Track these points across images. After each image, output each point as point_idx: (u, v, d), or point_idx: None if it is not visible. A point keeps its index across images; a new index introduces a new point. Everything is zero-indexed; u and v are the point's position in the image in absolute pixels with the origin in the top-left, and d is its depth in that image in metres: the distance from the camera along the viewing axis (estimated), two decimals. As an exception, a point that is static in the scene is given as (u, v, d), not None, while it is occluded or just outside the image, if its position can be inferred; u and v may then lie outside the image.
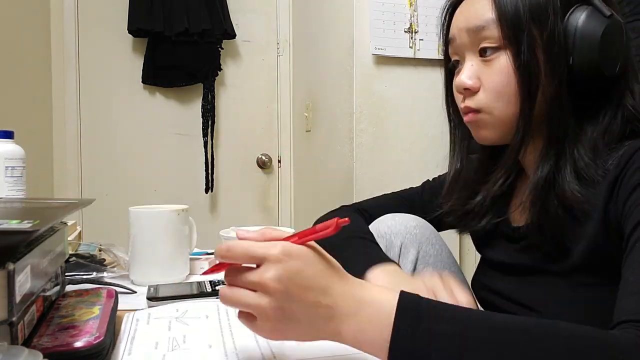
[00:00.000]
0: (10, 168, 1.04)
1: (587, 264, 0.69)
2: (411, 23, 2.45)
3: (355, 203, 1.05)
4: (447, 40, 0.81)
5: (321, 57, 2.41)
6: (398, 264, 0.81)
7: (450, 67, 0.82)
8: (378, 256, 0.80)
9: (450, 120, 0.86)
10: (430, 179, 1.04)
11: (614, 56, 0.70)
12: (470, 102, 0.75)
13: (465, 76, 0.75)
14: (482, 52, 0.74)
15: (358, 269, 0.75)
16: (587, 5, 0.71)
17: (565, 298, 0.71)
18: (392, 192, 1.04)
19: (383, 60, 2.45)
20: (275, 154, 2.29)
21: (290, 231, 1.12)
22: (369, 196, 1.06)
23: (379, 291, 0.53)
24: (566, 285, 0.71)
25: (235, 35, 2.15)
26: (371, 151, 2.47)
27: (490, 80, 0.73)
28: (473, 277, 0.93)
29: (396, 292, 0.52)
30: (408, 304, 0.51)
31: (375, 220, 0.94)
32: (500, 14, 0.71)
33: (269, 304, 0.50)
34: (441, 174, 1.02)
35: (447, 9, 0.81)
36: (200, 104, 2.15)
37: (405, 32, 2.45)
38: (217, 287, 0.84)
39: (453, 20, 0.79)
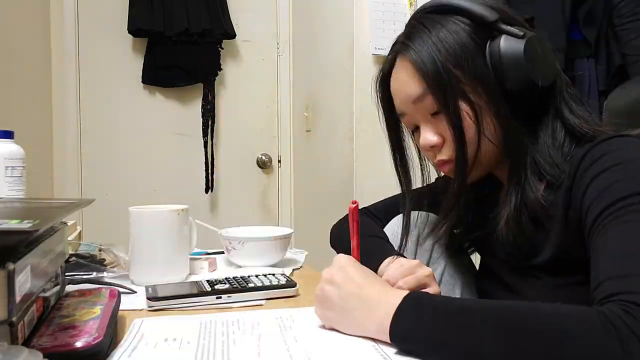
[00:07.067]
0: (10, 168, 1.04)
1: (552, 267, 0.74)
2: (411, 23, 2.45)
3: (364, 208, 1.06)
4: (391, 111, 0.87)
5: (321, 57, 2.41)
6: (403, 255, 0.88)
7: (397, 136, 0.89)
8: (386, 250, 0.90)
9: (401, 184, 0.91)
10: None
11: (542, 68, 0.75)
12: (442, 156, 0.80)
13: (429, 135, 0.80)
14: (433, 114, 0.79)
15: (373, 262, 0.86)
16: (499, 34, 0.75)
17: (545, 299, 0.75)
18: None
19: (383, 60, 2.45)
20: (275, 154, 2.30)
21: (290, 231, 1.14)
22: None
23: (396, 292, 0.65)
24: (542, 286, 0.77)
25: (235, 35, 2.15)
26: (371, 151, 2.47)
27: (447, 133, 0.78)
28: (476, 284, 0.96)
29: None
30: (412, 296, 0.62)
31: (399, 215, 0.97)
32: (429, 87, 0.76)
33: (319, 288, 0.70)
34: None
35: (380, 81, 0.90)
36: (200, 104, 2.15)
37: (405, 32, 2.44)
38: (215, 287, 0.84)
39: (394, 95, 0.84)
